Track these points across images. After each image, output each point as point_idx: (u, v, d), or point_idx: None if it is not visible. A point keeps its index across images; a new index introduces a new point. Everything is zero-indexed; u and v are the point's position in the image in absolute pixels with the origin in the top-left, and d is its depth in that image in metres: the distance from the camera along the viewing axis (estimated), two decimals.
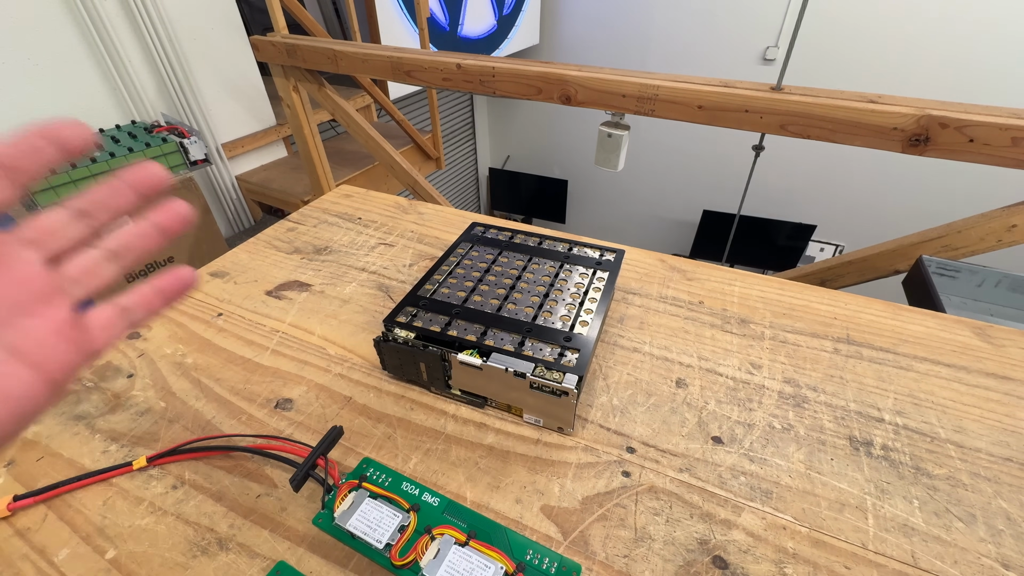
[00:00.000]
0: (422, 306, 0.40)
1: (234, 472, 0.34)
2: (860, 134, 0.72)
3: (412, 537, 0.29)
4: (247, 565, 0.29)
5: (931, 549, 0.29)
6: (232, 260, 0.56)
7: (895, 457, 0.34)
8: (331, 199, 0.69)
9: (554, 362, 0.34)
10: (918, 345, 0.42)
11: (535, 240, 0.48)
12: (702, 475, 0.33)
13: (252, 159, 1.76)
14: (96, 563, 0.29)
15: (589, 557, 0.29)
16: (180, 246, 1.32)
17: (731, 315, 0.46)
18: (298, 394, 0.39)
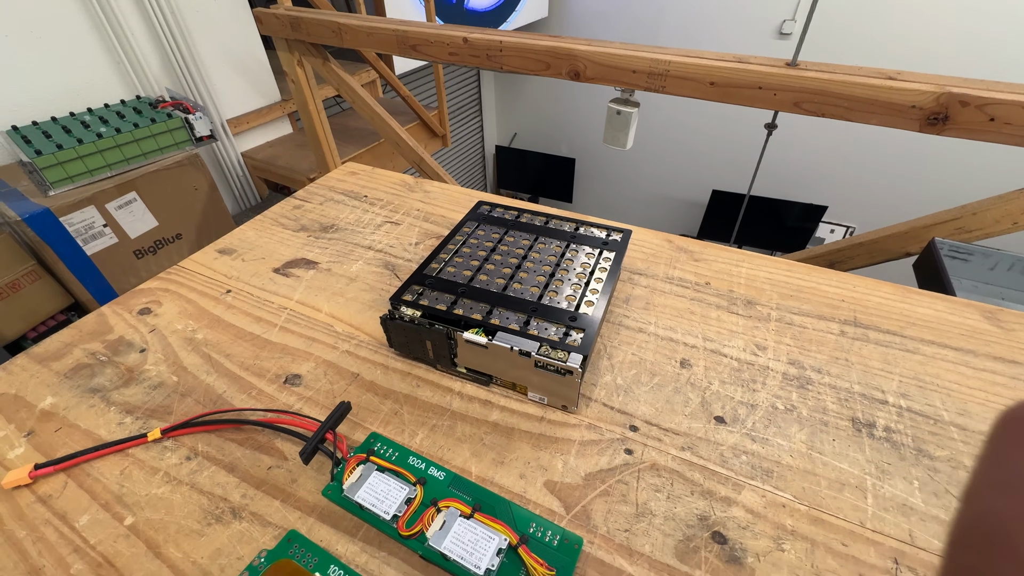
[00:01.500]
0: (428, 285, 0.40)
1: (245, 445, 0.35)
2: (877, 112, 0.70)
3: (418, 509, 0.30)
4: (260, 533, 0.30)
5: (929, 528, 0.29)
6: (240, 237, 0.57)
7: (897, 439, 0.34)
8: (337, 177, 0.69)
9: (559, 341, 0.34)
10: (926, 328, 0.42)
11: (541, 219, 0.48)
12: (704, 454, 0.33)
13: (257, 135, 1.75)
14: (116, 529, 0.30)
15: (591, 531, 0.29)
16: (188, 224, 1.33)
17: (737, 296, 0.46)
18: (306, 370, 0.40)
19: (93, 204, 1.11)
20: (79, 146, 1.09)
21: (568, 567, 0.27)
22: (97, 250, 1.15)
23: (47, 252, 1.08)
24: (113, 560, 0.28)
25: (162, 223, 1.26)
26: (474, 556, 0.27)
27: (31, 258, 1.10)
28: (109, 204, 1.14)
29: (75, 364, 0.41)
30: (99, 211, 1.13)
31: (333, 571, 0.27)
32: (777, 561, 0.28)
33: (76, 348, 0.43)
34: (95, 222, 1.13)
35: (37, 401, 0.38)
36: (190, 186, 1.30)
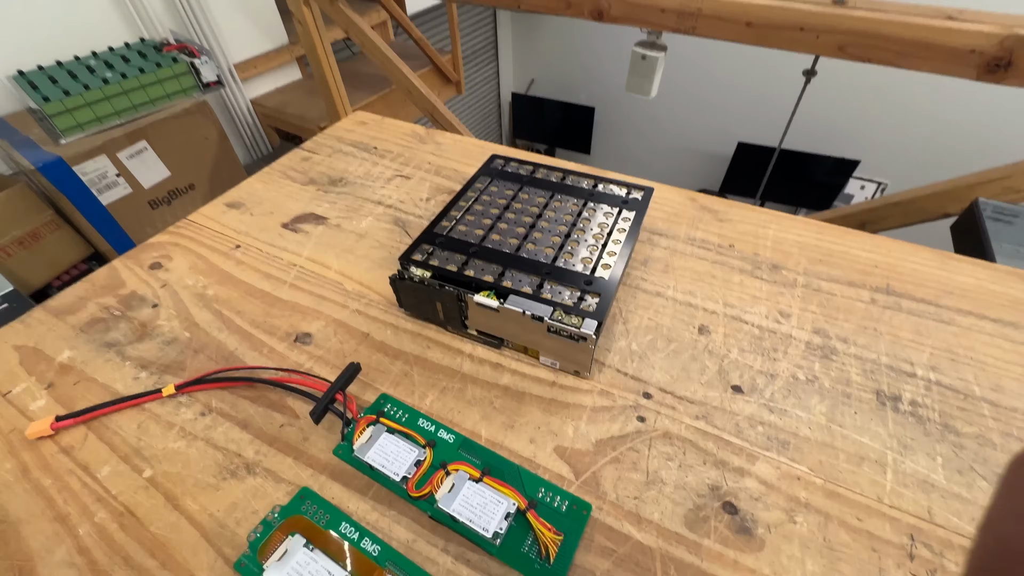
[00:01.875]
0: (439, 244, 0.38)
1: (258, 402, 0.35)
2: (930, 58, 0.63)
3: (428, 471, 0.30)
4: (273, 489, 0.30)
5: (949, 506, 0.28)
6: (247, 190, 0.55)
7: (923, 413, 0.32)
8: (345, 127, 0.66)
9: (573, 306, 0.33)
10: (964, 298, 0.40)
11: (558, 175, 0.46)
12: (719, 423, 0.32)
13: (266, 81, 1.69)
14: (135, 480, 0.31)
15: (600, 497, 0.29)
16: (200, 175, 1.32)
17: (762, 260, 0.44)
18: (316, 329, 0.40)
19: (105, 153, 1.10)
20: (86, 92, 1.06)
21: (576, 532, 0.27)
22: (112, 200, 1.15)
23: (64, 202, 1.09)
24: (134, 510, 0.29)
25: (175, 173, 1.25)
26: (483, 519, 0.27)
27: (49, 208, 1.11)
28: (120, 153, 1.13)
29: (90, 318, 0.41)
30: (111, 160, 1.12)
31: (345, 528, 0.28)
32: (788, 533, 0.27)
33: (90, 302, 0.43)
34: (108, 172, 1.12)
35: (55, 354, 0.39)
36: (200, 135, 1.28)
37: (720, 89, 2.67)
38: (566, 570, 0.26)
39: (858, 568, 0.26)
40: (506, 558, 0.27)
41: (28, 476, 0.31)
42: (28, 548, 0.28)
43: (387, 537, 0.28)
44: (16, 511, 0.30)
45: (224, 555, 0.28)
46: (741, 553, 0.27)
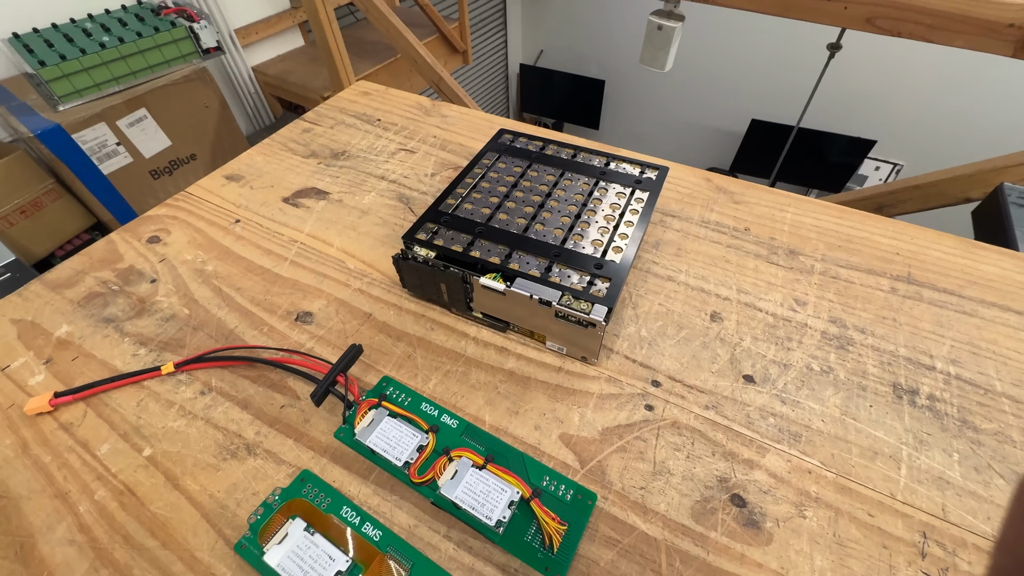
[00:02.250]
0: (444, 222, 0.37)
1: (258, 382, 0.34)
2: (964, 31, 0.60)
3: (430, 457, 0.29)
4: (274, 471, 0.30)
5: (964, 504, 0.27)
6: (247, 163, 0.54)
7: (941, 408, 0.31)
8: (348, 97, 0.64)
9: (582, 291, 0.32)
10: (988, 288, 0.38)
11: (569, 152, 0.44)
12: (729, 414, 0.32)
13: (268, 48, 1.64)
14: (135, 459, 0.31)
15: (605, 487, 0.29)
16: (201, 144, 1.29)
17: (779, 245, 0.42)
18: (318, 308, 0.39)
19: (104, 121, 1.08)
20: (83, 56, 1.03)
21: (581, 522, 0.27)
22: (113, 169, 1.14)
23: (64, 171, 1.07)
24: (134, 489, 0.29)
25: (175, 143, 1.23)
26: (486, 507, 0.27)
27: (50, 176, 1.09)
28: (120, 121, 1.11)
29: (87, 292, 0.41)
30: (111, 129, 1.10)
31: (346, 512, 0.28)
32: (797, 528, 0.27)
33: (87, 276, 0.42)
34: (108, 140, 1.10)
35: (53, 329, 0.38)
36: (200, 103, 1.25)
37: (735, 64, 2.58)
38: (570, 560, 0.26)
39: (868, 565, 0.26)
40: (509, 546, 0.26)
41: (28, 452, 0.31)
42: (29, 524, 0.28)
43: (388, 522, 0.28)
44: (17, 487, 0.30)
45: (224, 536, 0.27)
46: (748, 547, 0.26)
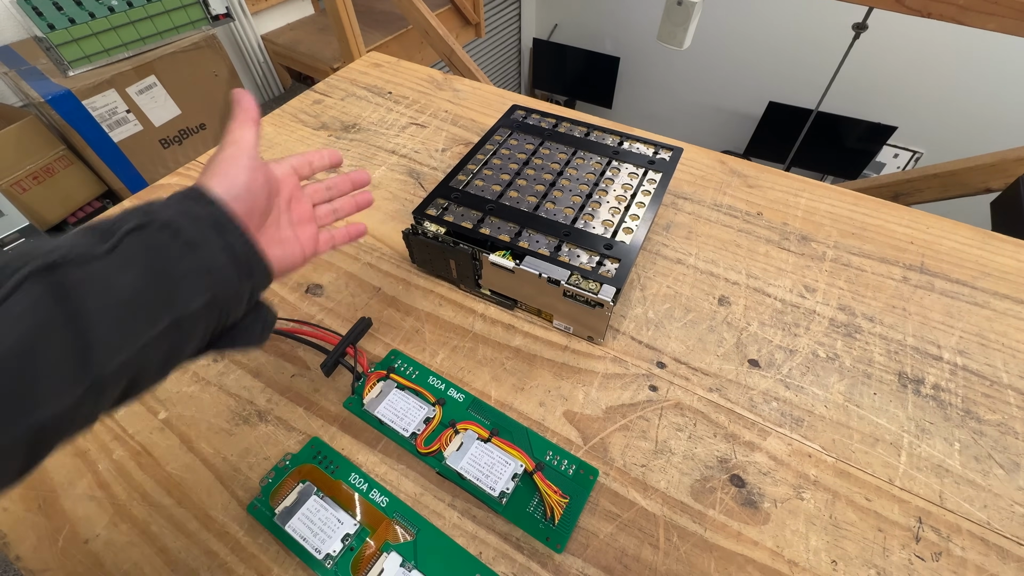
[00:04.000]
0: (454, 199, 0.37)
1: (269, 352, 0.35)
2: (998, 13, 0.58)
3: (437, 429, 0.30)
4: (285, 437, 0.31)
5: (962, 492, 0.28)
6: None
7: (945, 398, 0.32)
8: (359, 68, 0.63)
9: (591, 271, 0.32)
10: (1002, 280, 0.38)
11: (582, 130, 0.43)
12: (732, 397, 0.32)
13: (277, 16, 1.61)
14: (151, 421, 0.31)
15: (607, 463, 0.29)
16: (210, 114, 1.28)
17: (791, 230, 0.42)
18: (328, 280, 0.39)
19: (114, 88, 1.08)
20: (92, 21, 1.02)
21: (582, 496, 0.28)
22: (123, 137, 1.14)
23: (75, 137, 1.07)
24: (151, 450, 0.30)
25: (185, 111, 1.22)
26: (490, 479, 0.28)
27: (61, 143, 1.09)
28: (130, 88, 1.10)
29: None
30: (120, 95, 1.09)
31: (354, 479, 0.28)
32: (794, 509, 0.27)
33: None
34: (118, 107, 1.10)
35: None
36: (210, 71, 1.24)
37: (756, 43, 2.50)
38: (570, 532, 0.26)
39: (862, 546, 0.26)
40: (511, 517, 0.27)
41: None
42: (51, 480, 0.29)
43: (395, 489, 0.28)
44: None
45: (237, 497, 0.28)
46: (745, 525, 0.27)
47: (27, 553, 0.27)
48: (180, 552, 0.27)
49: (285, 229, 0.26)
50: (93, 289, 0.17)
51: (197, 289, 0.19)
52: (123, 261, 0.18)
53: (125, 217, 0.19)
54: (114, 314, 0.17)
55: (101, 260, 0.17)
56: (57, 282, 0.16)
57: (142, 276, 0.18)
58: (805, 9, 2.23)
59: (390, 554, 0.25)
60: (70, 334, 0.16)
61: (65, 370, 0.16)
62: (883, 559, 0.26)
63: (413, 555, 0.26)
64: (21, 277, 0.15)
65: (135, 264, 0.18)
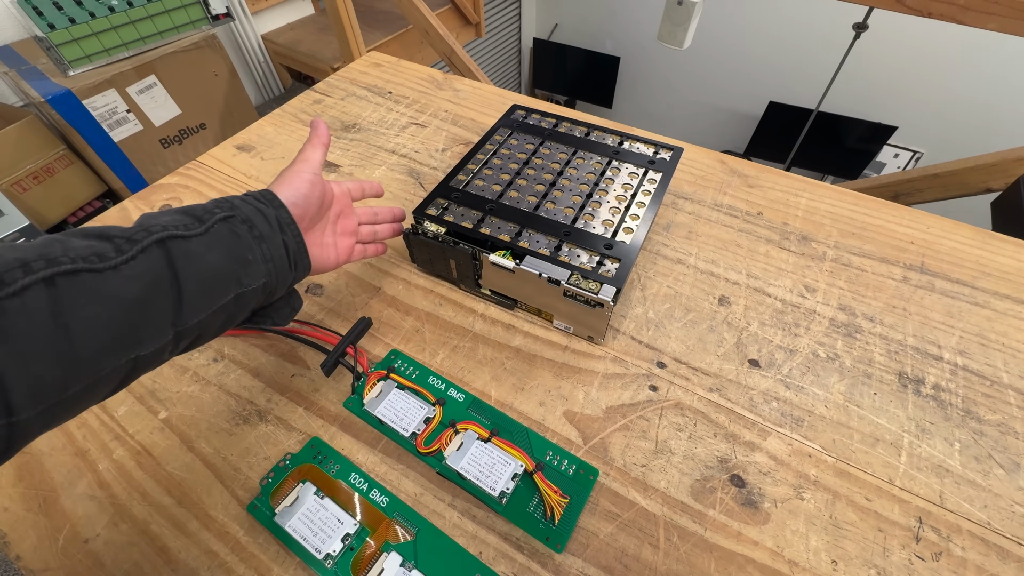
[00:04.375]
0: (454, 199, 0.37)
1: (269, 352, 0.35)
2: (998, 13, 0.58)
3: (437, 429, 0.30)
4: (285, 437, 0.31)
5: (962, 492, 0.28)
6: (258, 133, 0.53)
7: (945, 398, 0.32)
8: (360, 68, 0.63)
9: (591, 271, 0.32)
10: (1003, 280, 0.38)
11: (582, 130, 0.43)
12: (732, 396, 0.32)
13: (277, 16, 1.61)
14: (151, 421, 0.31)
15: (607, 463, 0.29)
16: (210, 113, 1.28)
17: (792, 230, 0.42)
18: (328, 280, 0.39)
19: (114, 87, 1.08)
20: (92, 20, 1.02)
21: (582, 496, 0.28)
22: (123, 137, 1.14)
23: (75, 137, 1.07)
24: (151, 450, 0.30)
25: (185, 111, 1.22)
26: (490, 478, 0.28)
27: (61, 143, 1.09)
28: (130, 88, 1.10)
29: None
30: (120, 95, 1.09)
31: (354, 479, 0.28)
32: (795, 509, 0.27)
33: None
34: (118, 107, 1.10)
35: None
36: (210, 71, 1.24)
37: (756, 43, 2.50)
38: (570, 531, 0.26)
39: (862, 546, 0.26)
40: (512, 516, 0.27)
41: None
42: (51, 479, 0.29)
43: (395, 489, 0.28)
44: (38, 443, 0.31)
45: (237, 497, 0.28)
46: (745, 525, 0.27)
47: (27, 552, 0.27)
48: (180, 552, 0.27)
49: (328, 236, 0.31)
50: (190, 260, 0.21)
51: (259, 273, 0.24)
52: (212, 242, 0.22)
53: (215, 207, 0.24)
54: (201, 282, 0.21)
55: (198, 239, 0.22)
56: (169, 250, 0.20)
57: (224, 256, 0.22)
58: (805, 9, 2.23)
59: (390, 554, 0.25)
60: (173, 291, 0.20)
61: (164, 318, 0.20)
62: (883, 559, 0.26)
63: (413, 555, 0.26)
64: (148, 242, 0.20)
65: (220, 246, 0.22)
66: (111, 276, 0.18)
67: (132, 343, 0.19)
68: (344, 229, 0.32)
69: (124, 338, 0.18)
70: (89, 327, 0.17)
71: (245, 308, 0.24)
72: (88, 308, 0.17)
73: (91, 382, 0.18)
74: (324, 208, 0.30)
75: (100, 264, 0.18)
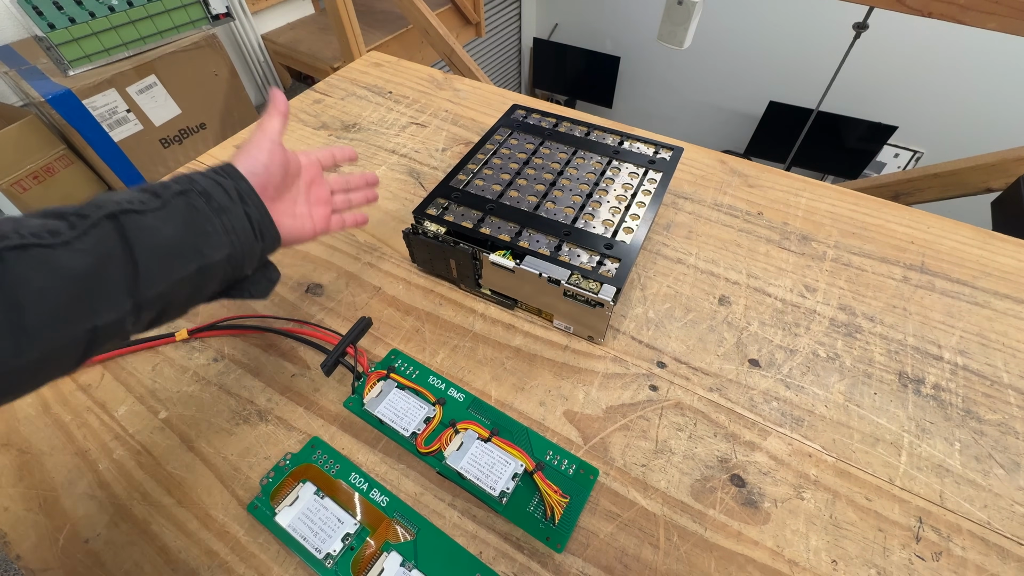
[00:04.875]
0: (454, 198, 0.37)
1: (269, 351, 0.35)
2: (998, 12, 0.58)
3: (437, 429, 0.30)
4: (285, 436, 0.31)
5: (962, 491, 0.28)
6: None
7: (945, 398, 0.32)
8: (360, 68, 0.63)
9: (591, 271, 0.32)
10: (1003, 280, 0.38)
11: (582, 130, 0.43)
12: (732, 396, 0.32)
13: (277, 15, 1.61)
14: (151, 421, 0.31)
15: (607, 463, 0.29)
16: (211, 113, 1.28)
17: (792, 230, 0.42)
18: (328, 280, 0.39)
19: (114, 87, 1.08)
20: (92, 20, 1.02)
21: (582, 496, 0.28)
22: (123, 136, 1.13)
23: (75, 137, 1.07)
24: (151, 449, 0.30)
25: (185, 111, 1.22)
26: (490, 478, 0.28)
27: (61, 142, 1.09)
28: (130, 88, 1.10)
29: None
30: (121, 95, 1.09)
31: (354, 478, 0.28)
32: (795, 509, 0.27)
33: None
34: (118, 107, 1.10)
35: None
36: (210, 71, 1.24)
37: (756, 42, 2.50)
38: (570, 531, 0.26)
39: (862, 546, 0.26)
40: (512, 516, 0.27)
41: (48, 411, 0.32)
42: (52, 479, 0.29)
43: (395, 489, 0.28)
44: (39, 443, 0.31)
45: (238, 497, 0.28)
46: (745, 525, 0.27)
47: (28, 552, 0.27)
48: (180, 551, 0.27)
49: (301, 206, 0.30)
50: (145, 234, 0.21)
51: (220, 244, 0.24)
52: (168, 216, 0.22)
53: (173, 183, 0.24)
54: (158, 254, 0.22)
55: (154, 213, 0.22)
56: (122, 225, 0.21)
57: (181, 229, 0.23)
58: (806, 8, 2.23)
59: (390, 554, 0.25)
60: (127, 264, 0.21)
61: (119, 290, 0.20)
62: (883, 559, 0.26)
63: (413, 555, 0.26)
64: (98, 217, 0.20)
65: (176, 219, 0.23)
66: (62, 251, 0.19)
67: (86, 313, 0.19)
68: (317, 198, 0.32)
69: (76, 309, 0.19)
70: (40, 299, 0.18)
71: (212, 280, 0.24)
72: (37, 280, 0.18)
73: (48, 351, 0.19)
74: (290, 177, 0.30)
75: (51, 240, 0.19)
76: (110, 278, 0.20)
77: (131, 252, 0.21)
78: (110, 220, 0.21)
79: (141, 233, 0.21)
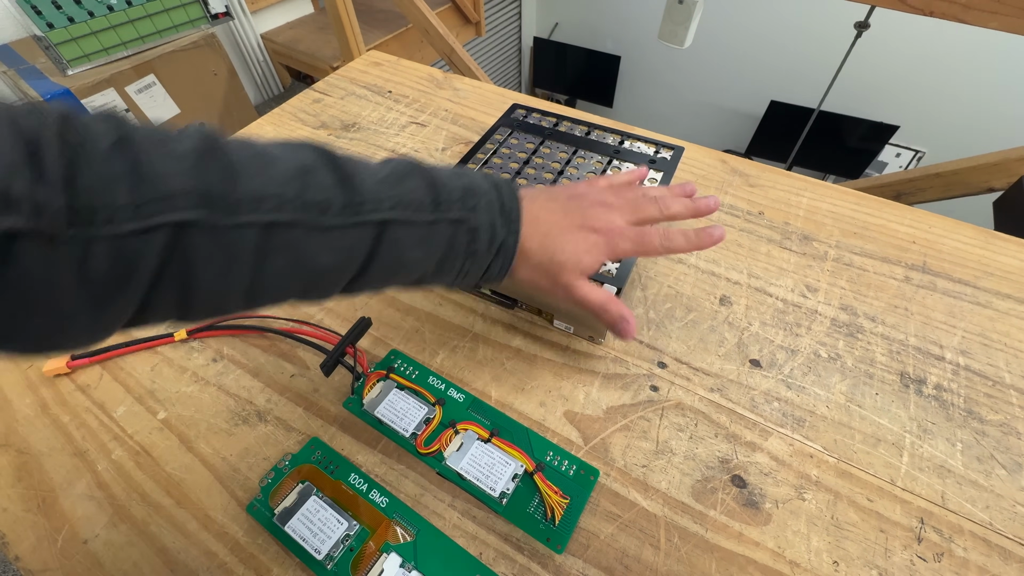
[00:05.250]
0: None
1: (269, 352, 0.35)
2: (1000, 12, 0.57)
3: (437, 429, 0.30)
4: (284, 437, 0.31)
5: (964, 492, 0.28)
6: (257, 133, 0.53)
7: (947, 398, 0.31)
8: (359, 67, 0.63)
9: None
10: (1005, 280, 0.38)
11: (582, 129, 0.43)
12: (733, 397, 0.32)
13: (277, 15, 1.61)
14: (150, 421, 0.31)
15: (608, 463, 0.29)
16: (210, 113, 1.28)
17: (793, 230, 0.42)
18: None
19: (113, 87, 1.08)
20: (91, 20, 1.02)
21: (582, 497, 0.27)
22: None
23: None
24: (150, 450, 0.30)
25: (184, 111, 1.22)
26: (490, 479, 0.27)
27: None
28: (129, 87, 1.10)
29: None
30: (119, 94, 1.09)
31: (354, 479, 0.28)
32: (796, 510, 0.27)
33: None
34: (117, 106, 1.10)
35: None
36: (209, 70, 1.24)
37: (757, 42, 2.49)
38: (570, 532, 0.26)
39: (864, 547, 0.26)
40: (512, 517, 0.27)
41: (47, 412, 0.32)
42: (50, 480, 0.29)
43: (395, 490, 0.28)
44: (37, 444, 0.31)
45: (237, 497, 0.28)
46: (747, 526, 0.27)
47: (26, 553, 0.27)
48: (179, 552, 0.26)
49: None
50: (392, 248, 0.21)
51: (446, 279, 0.24)
52: (425, 239, 0.22)
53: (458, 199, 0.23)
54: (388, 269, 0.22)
55: (417, 230, 0.22)
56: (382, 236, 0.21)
57: (424, 257, 0.22)
58: (807, 7, 2.23)
59: (390, 555, 0.25)
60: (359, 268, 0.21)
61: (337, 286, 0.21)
62: (885, 560, 0.25)
63: (413, 556, 0.25)
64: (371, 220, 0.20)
65: (430, 247, 0.22)
66: (316, 237, 0.19)
67: (299, 295, 0.20)
68: None
69: (296, 292, 0.20)
70: (276, 277, 0.19)
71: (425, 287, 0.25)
72: (281, 260, 0.18)
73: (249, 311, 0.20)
74: None
75: (315, 219, 0.19)
76: (338, 277, 0.20)
77: (369, 263, 0.21)
78: (377, 227, 0.20)
79: (390, 247, 0.21)
